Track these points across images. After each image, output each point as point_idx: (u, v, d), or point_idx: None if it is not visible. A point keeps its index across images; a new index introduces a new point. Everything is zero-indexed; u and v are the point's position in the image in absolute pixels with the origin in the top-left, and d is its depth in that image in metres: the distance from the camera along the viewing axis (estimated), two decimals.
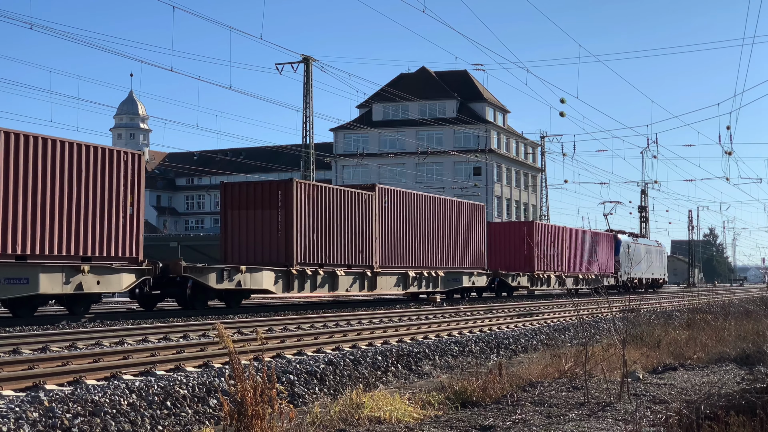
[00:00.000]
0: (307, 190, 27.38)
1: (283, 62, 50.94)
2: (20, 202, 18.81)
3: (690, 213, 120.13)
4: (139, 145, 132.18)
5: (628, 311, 18.48)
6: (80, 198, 20.17)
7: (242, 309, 26.20)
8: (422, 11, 30.96)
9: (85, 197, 20.31)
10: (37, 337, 14.83)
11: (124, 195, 21.31)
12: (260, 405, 6.93)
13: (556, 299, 35.38)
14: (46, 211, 19.36)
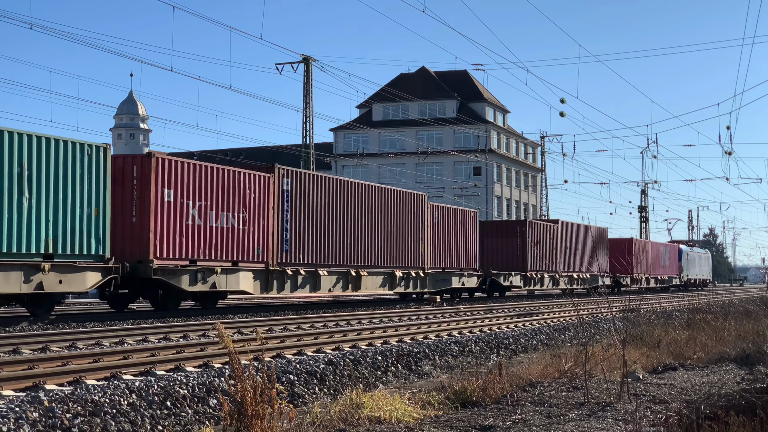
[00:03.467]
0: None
1: (283, 62, 50.95)
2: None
3: (690, 213, 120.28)
4: (139, 145, 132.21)
5: (628, 311, 18.49)
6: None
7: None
8: (422, 11, 30.96)
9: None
10: (37, 337, 14.83)
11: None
12: (260, 405, 6.93)
13: (555, 299, 35.55)
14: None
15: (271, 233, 25.47)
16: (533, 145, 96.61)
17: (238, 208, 24.31)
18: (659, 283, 65.59)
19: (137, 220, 21.53)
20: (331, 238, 28.25)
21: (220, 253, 23.64)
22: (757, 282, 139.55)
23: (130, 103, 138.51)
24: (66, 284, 19.66)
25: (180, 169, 22.46)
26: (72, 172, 19.65)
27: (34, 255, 18.85)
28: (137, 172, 21.57)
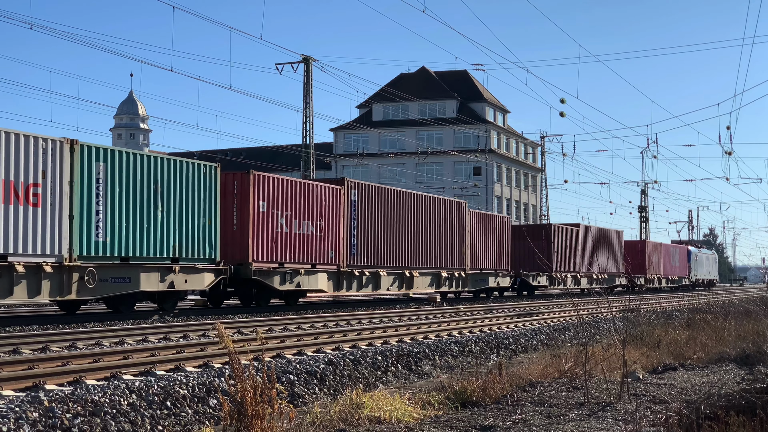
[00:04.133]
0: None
1: (283, 62, 50.95)
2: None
3: (690, 213, 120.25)
4: (139, 145, 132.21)
5: (628, 311, 18.49)
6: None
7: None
8: (422, 11, 30.99)
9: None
10: (37, 337, 14.83)
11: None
12: (260, 405, 6.93)
13: (556, 299, 35.72)
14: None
15: (342, 239, 28.85)
16: (533, 145, 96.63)
17: (316, 217, 27.60)
18: (669, 283, 68.32)
19: (238, 228, 24.78)
20: (389, 243, 31.50)
21: (302, 256, 27.00)
22: (757, 282, 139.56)
23: (130, 103, 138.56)
24: (189, 283, 23.28)
25: (271, 183, 25.74)
26: (191, 188, 23.06)
27: (165, 259, 22.31)
28: (237, 186, 24.83)
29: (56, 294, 19.57)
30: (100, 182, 20.45)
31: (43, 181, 19.02)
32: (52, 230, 19.25)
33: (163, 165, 22.13)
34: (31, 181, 18.78)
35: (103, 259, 20.59)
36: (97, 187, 20.36)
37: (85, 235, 20.09)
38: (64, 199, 19.55)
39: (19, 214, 18.51)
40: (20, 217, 18.53)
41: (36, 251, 18.86)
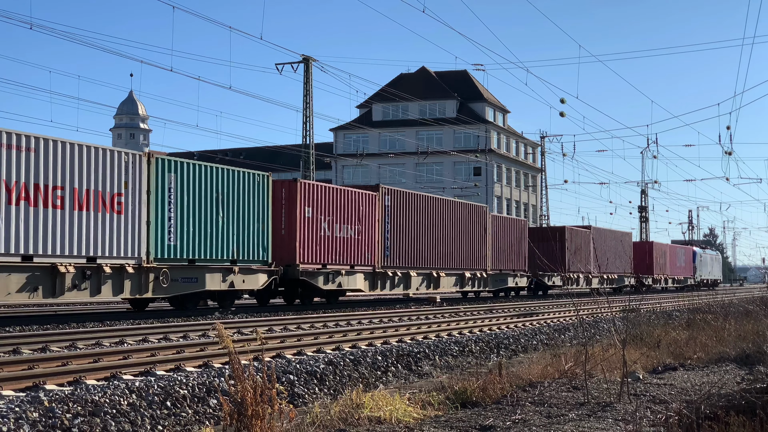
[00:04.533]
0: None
1: (283, 62, 50.93)
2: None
3: (690, 213, 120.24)
4: (139, 145, 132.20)
5: (628, 311, 18.47)
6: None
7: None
8: (422, 11, 30.92)
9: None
10: (37, 337, 14.83)
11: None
12: (260, 405, 6.93)
13: (556, 299, 35.87)
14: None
15: (377, 241, 30.82)
16: (533, 145, 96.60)
17: (354, 221, 29.48)
18: (675, 283, 70.09)
19: (286, 232, 26.62)
20: (418, 245, 33.50)
21: (342, 258, 28.89)
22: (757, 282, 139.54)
23: (130, 103, 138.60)
24: (246, 283, 25.29)
25: (315, 190, 27.69)
26: (247, 196, 25.04)
27: (225, 261, 24.35)
28: (285, 193, 26.68)
29: (135, 292, 21.58)
30: (171, 191, 22.48)
31: (125, 191, 21.15)
32: (132, 235, 21.33)
33: (223, 175, 24.18)
34: (116, 191, 20.91)
35: (174, 261, 22.58)
36: (169, 195, 22.41)
37: (159, 239, 22.10)
38: (143, 206, 21.65)
39: (106, 220, 20.61)
40: (107, 223, 20.65)
41: (119, 254, 20.93)
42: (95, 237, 20.21)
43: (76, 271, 19.72)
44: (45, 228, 19.14)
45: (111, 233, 20.65)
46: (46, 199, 19.21)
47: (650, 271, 61.71)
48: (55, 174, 19.39)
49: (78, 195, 19.86)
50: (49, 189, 19.26)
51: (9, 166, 18.34)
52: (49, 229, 19.22)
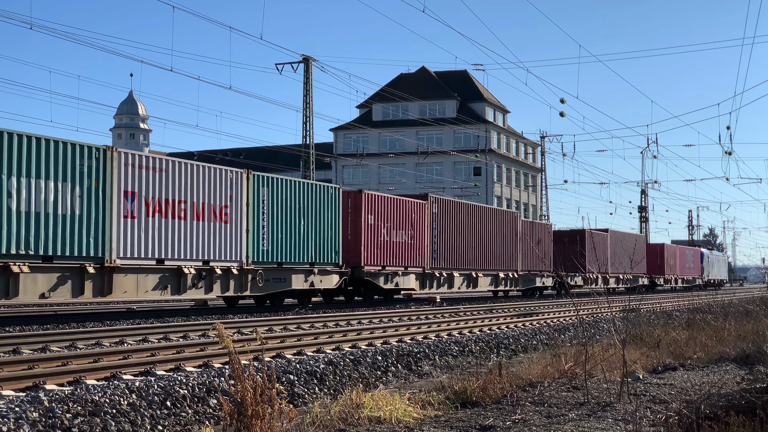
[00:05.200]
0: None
1: (283, 62, 50.96)
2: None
3: (690, 213, 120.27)
4: (139, 145, 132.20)
5: (628, 311, 18.46)
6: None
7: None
8: (422, 11, 30.96)
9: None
10: (37, 337, 14.84)
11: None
12: (260, 405, 6.93)
13: (555, 299, 35.98)
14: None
15: (426, 245, 33.87)
16: (533, 145, 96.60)
17: (407, 227, 32.61)
18: (685, 283, 73.09)
19: (352, 237, 29.62)
20: (460, 248, 36.55)
21: (398, 260, 32.00)
22: (757, 282, 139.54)
23: (130, 103, 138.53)
24: (323, 283, 28.58)
25: (376, 200, 30.86)
26: (322, 206, 28.20)
27: (306, 263, 27.49)
28: (351, 203, 29.76)
29: (238, 290, 24.85)
30: (264, 203, 25.67)
31: (230, 204, 24.39)
32: (235, 241, 24.53)
33: (303, 188, 27.52)
34: (223, 204, 24.15)
35: (266, 263, 25.81)
36: (262, 207, 25.58)
37: (255, 244, 25.26)
38: (243, 217, 24.85)
39: (216, 229, 23.85)
40: (217, 231, 23.87)
41: (226, 258, 24.19)
42: (209, 243, 23.56)
43: (195, 272, 23.07)
44: (173, 236, 22.35)
45: (220, 240, 23.97)
46: (174, 211, 22.44)
47: (662, 272, 64.96)
48: (180, 190, 22.64)
49: (196, 208, 23.21)
50: (176, 203, 22.51)
51: (147, 184, 21.55)
52: (176, 237, 22.47)
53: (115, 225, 20.65)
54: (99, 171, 20.28)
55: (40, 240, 18.81)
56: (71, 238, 19.54)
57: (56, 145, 19.22)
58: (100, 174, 20.29)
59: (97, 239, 20.18)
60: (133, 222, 21.16)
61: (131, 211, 21.11)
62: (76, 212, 19.71)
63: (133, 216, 21.17)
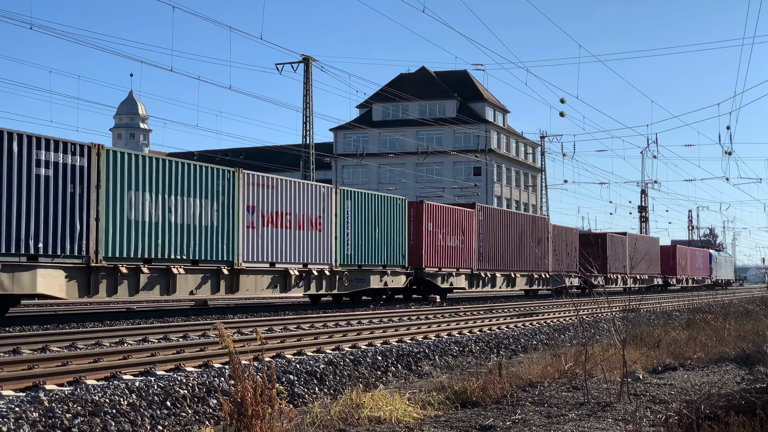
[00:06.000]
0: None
1: (283, 62, 50.98)
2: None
3: (690, 213, 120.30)
4: (139, 146, 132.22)
5: (628, 311, 18.45)
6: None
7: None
8: (422, 11, 30.97)
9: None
10: (37, 337, 14.83)
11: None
12: (260, 405, 6.93)
13: (555, 299, 36.05)
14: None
15: (473, 249, 37.61)
16: (533, 145, 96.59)
17: (458, 233, 36.25)
18: (695, 283, 76.43)
19: (414, 242, 33.19)
20: (501, 251, 40.28)
21: (451, 262, 35.66)
22: (757, 282, 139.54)
23: (130, 103, 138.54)
24: (394, 283, 32.37)
25: (434, 209, 34.65)
26: (392, 214, 32.01)
27: (379, 266, 31.29)
28: (413, 212, 33.41)
29: (329, 289, 28.80)
30: (348, 214, 29.42)
31: (323, 215, 28.13)
32: (327, 247, 28.29)
33: (378, 199, 31.39)
34: (318, 215, 27.90)
35: (350, 266, 29.57)
36: (346, 216, 29.31)
37: (341, 249, 29.05)
38: (332, 226, 28.61)
39: (313, 237, 27.61)
40: (313, 239, 27.60)
41: (320, 261, 27.97)
42: (307, 249, 27.32)
43: (298, 273, 26.88)
44: (281, 243, 26.16)
45: (315, 246, 27.73)
46: (282, 222, 26.27)
47: (674, 272, 68.83)
48: (286, 204, 26.46)
49: (298, 219, 26.97)
50: (283, 215, 26.33)
51: (263, 199, 25.37)
52: (283, 243, 26.26)
53: (241, 234, 24.48)
54: (229, 189, 24.16)
55: (190, 247, 22.79)
56: (211, 246, 23.48)
57: (200, 168, 23.23)
58: (230, 192, 24.16)
59: (229, 246, 24.10)
60: (254, 231, 25.02)
61: (252, 222, 24.94)
62: (214, 224, 23.63)
63: (254, 226, 25.00)
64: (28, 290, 18.83)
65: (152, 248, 21.53)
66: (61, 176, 19.40)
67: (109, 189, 20.53)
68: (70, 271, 19.66)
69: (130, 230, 21.00)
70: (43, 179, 18.97)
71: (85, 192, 19.99)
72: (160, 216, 21.74)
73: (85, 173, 19.98)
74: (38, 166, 18.91)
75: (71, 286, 19.67)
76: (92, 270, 20.07)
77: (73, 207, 19.67)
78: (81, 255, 19.79)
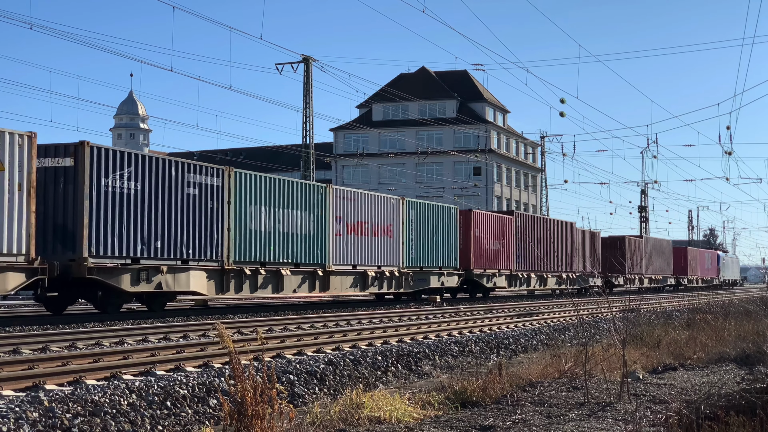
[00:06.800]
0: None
1: (283, 62, 50.98)
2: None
3: (690, 213, 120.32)
4: (139, 145, 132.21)
5: (628, 311, 18.44)
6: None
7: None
8: (422, 11, 31.01)
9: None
10: (37, 337, 14.83)
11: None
12: (260, 405, 6.93)
13: (556, 299, 36.06)
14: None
15: (511, 252, 41.47)
16: (533, 145, 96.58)
17: (500, 237, 40.29)
18: (704, 283, 78.92)
19: (462, 246, 37.05)
20: (535, 253, 43.48)
21: (494, 264, 39.80)
22: (757, 282, 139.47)
23: (130, 103, 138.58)
24: (448, 282, 36.50)
25: (480, 217, 38.91)
26: (446, 221, 36.04)
27: (437, 267, 35.31)
28: (461, 220, 37.24)
29: (398, 288, 32.80)
30: (411, 222, 33.51)
31: (393, 223, 32.29)
32: (395, 251, 32.39)
33: (434, 209, 35.53)
34: (389, 223, 32.07)
35: (413, 268, 33.62)
36: (409, 224, 33.35)
37: (407, 253, 33.12)
38: (400, 233, 32.78)
39: (384, 243, 31.72)
40: (386, 244, 31.79)
41: (390, 264, 32.14)
42: (380, 253, 31.44)
43: (374, 274, 30.98)
44: (360, 248, 30.23)
45: (386, 251, 31.81)
46: (361, 230, 30.37)
47: (685, 273, 72.64)
48: (364, 214, 30.56)
49: (373, 227, 31.03)
50: (362, 224, 30.42)
51: (346, 210, 29.54)
52: (362, 248, 30.35)
53: (331, 241, 28.64)
54: (322, 202, 28.35)
55: (293, 252, 26.96)
56: (308, 251, 27.59)
57: (300, 185, 27.56)
58: (322, 204, 28.36)
59: (321, 251, 28.23)
60: (340, 238, 29.17)
61: (339, 231, 29.08)
62: (311, 232, 27.73)
63: (340, 234, 29.15)
64: (183, 288, 23.13)
65: (266, 253, 25.75)
66: (205, 195, 23.54)
67: (237, 204, 24.65)
68: (210, 272, 23.86)
69: (250, 238, 25.17)
70: (192, 197, 23.11)
71: (220, 207, 24.08)
72: (271, 226, 25.92)
73: (220, 191, 24.07)
74: (188, 186, 22.99)
75: (210, 285, 23.93)
76: (225, 272, 24.26)
77: (212, 220, 23.81)
78: (217, 259, 23.98)
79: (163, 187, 22.18)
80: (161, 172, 22.16)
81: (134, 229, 21.38)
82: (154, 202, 21.95)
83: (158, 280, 22.11)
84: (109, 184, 20.77)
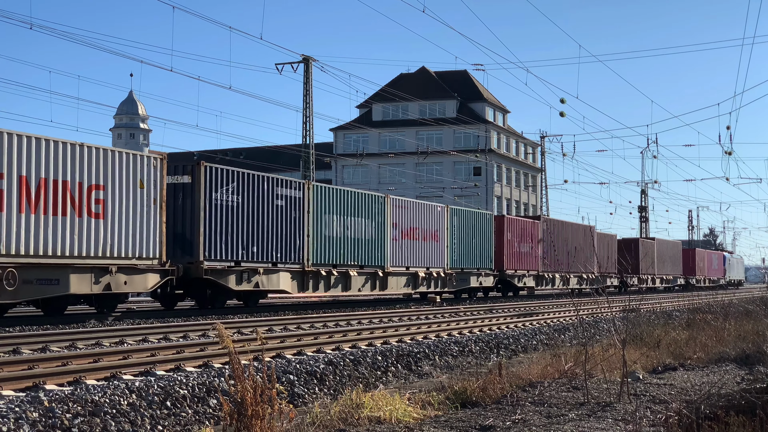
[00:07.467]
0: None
1: (283, 62, 50.95)
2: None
3: (690, 213, 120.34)
4: (139, 145, 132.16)
5: (628, 311, 18.45)
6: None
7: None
8: (422, 11, 30.99)
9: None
10: (37, 337, 14.83)
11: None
12: (260, 405, 6.93)
13: (556, 299, 36.10)
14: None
15: (538, 254, 44.76)
16: (533, 145, 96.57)
17: (529, 241, 43.77)
18: (711, 283, 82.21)
19: (496, 249, 40.33)
20: (558, 255, 46.56)
21: (523, 265, 43.15)
22: (757, 282, 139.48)
23: (130, 103, 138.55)
24: (485, 282, 39.84)
25: (512, 222, 42.57)
26: (483, 226, 39.37)
27: (475, 268, 38.49)
28: (495, 224, 40.56)
29: (442, 287, 35.98)
30: (455, 227, 36.71)
31: (440, 228, 35.59)
32: (441, 254, 35.64)
33: (473, 214, 39.09)
34: (436, 228, 35.42)
35: (456, 269, 36.76)
36: (453, 229, 36.52)
37: (451, 256, 36.30)
38: (445, 237, 35.94)
39: (432, 246, 35.01)
40: (433, 248, 35.09)
41: (437, 265, 35.29)
42: (429, 256, 34.73)
43: (423, 275, 34.19)
44: (412, 251, 33.59)
45: (434, 253, 35.12)
46: (413, 235, 33.74)
47: (693, 273, 75.53)
48: (416, 220, 33.93)
49: (423, 232, 34.40)
50: (414, 229, 33.81)
51: (401, 218, 32.87)
52: (414, 252, 33.68)
53: (389, 245, 31.97)
54: (381, 211, 31.63)
55: (358, 255, 30.19)
56: (370, 254, 30.86)
57: (363, 195, 30.83)
58: (382, 212, 31.59)
59: (381, 254, 31.46)
60: (396, 243, 32.49)
61: (395, 236, 32.39)
62: (372, 237, 31.01)
63: (396, 239, 32.45)
64: (274, 287, 26.58)
65: (337, 256, 29.04)
66: (289, 205, 26.86)
67: (314, 213, 27.97)
68: (294, 273, 27.30)
69: (325, 243, 28.50)
70: (279, 208, 26.43)
71: (302, 216, 27.41)
72: (341, 232, 29.27)
73: (301, 202, 27.39)
74: (277, 198, 26.33)
75: (294, 284, 27.41)
76: (305, 273, 27.67)
77: (295, 227, 27.14)
78: (299, 262, 27.35)
79: (257, 200, 25.53)
80: (256, 186, 25.49)
81: (236, 236, 24.76)
82: (250, 213, 25.33)
83: (256, 280, 25.65)
84: (218, 197, 24.18)
